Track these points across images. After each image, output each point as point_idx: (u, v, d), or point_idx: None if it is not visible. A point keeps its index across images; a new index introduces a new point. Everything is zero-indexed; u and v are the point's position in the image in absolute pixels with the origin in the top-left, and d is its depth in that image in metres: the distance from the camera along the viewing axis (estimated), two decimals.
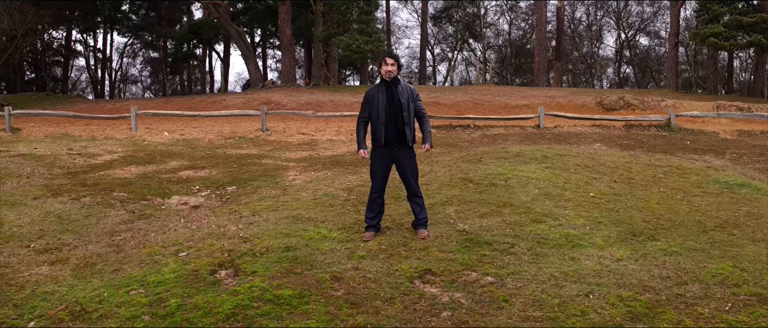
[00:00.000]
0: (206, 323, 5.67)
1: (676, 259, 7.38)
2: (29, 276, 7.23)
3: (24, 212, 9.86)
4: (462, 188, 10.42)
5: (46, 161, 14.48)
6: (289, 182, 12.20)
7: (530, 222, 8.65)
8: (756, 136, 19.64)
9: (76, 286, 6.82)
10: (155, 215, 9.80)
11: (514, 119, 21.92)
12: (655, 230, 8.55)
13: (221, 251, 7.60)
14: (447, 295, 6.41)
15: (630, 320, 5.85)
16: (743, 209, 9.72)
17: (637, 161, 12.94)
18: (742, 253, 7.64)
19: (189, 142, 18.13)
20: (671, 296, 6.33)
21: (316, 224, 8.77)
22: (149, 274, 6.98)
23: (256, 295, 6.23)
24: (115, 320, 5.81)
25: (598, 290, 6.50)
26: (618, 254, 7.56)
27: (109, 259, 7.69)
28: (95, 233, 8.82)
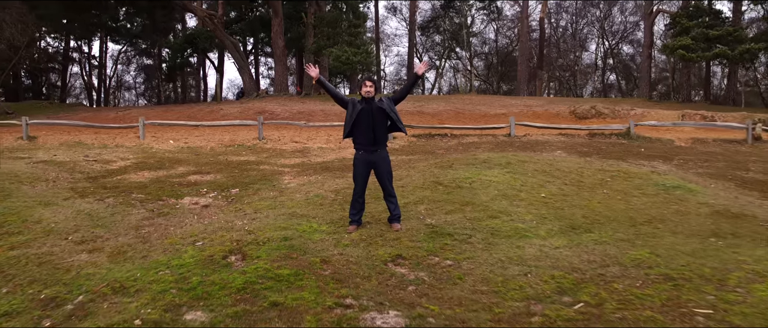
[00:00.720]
0: (222, 294, 7.03)
1: (603, 247, 8.75)
2: (72, 261, 8.54)
3: (57, 210, 11.15)
4: (432, 190, 11.78)
5: (67, 167, 15.73)
6: (284, 185, 13.51)
7: (487, 217, 10.03)
8: (708, 144, 20.94)
9: (113, 268, 8.15)
10: (172, 213, 11.12)
11: (488, 129, 23.22)
12: (591, 224, 9.93)
13: (230, 240, 8.93)
14: (413, 274, 7.79)
15: (557, 293, 7.22)
16: (673, 208, 11.10)
17: (589, 167, 14.29)
18: (661, 243, 9.01)
19: (193, 150, 19.36)
20: (594, 276, 7.71)
21: (308, 220, 10.10)
22: (172, 259, 8.31)
23: (261, 274, 7.58)
24: (149, 293, 7.15)
25: (535, 270, 7.87)
26: (556, 243, 8.94)
27: (138, 248, 9.01)
28: (123, 228, 10.14)
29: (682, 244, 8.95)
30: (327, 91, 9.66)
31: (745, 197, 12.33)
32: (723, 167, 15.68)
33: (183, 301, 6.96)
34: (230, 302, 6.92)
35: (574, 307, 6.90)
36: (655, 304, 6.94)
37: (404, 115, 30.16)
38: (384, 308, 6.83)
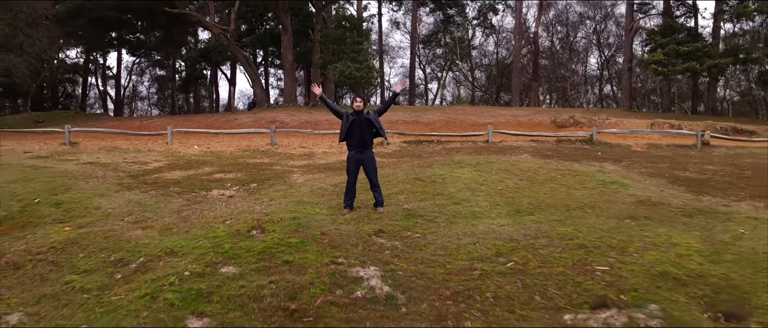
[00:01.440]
0: (247, 255, 9.16)
1: (538, 225, 10.85)
2: (130, 235, 10.65)
3: (111, 200, 13.28)
4: (412, 184, 13.88)
5: (110, 167, 17.83)
6: (293, 181, 15.58)
7: (451, 204, 12.13)
8: (662, 149, 22.79)
9: (163, 240, 10.27)
10: (204, 202, 13.22)
11: (470, 136, 25.18)
12: (534, 209, 12.01)
13: (252, 220, 11.03)
14: (390, 243, 9.92)
15: (496, 256, 9.34)
16: (604, 198, 13.16)
17: (547, 166, 16.33)
18: (585, 223, 11.08)
19: (215, 154, 21.38)
20: (526, 245, 9.81)
21: (312, 205, 12.20)
22: (208, 233, 10.43)
23: (276, 242, 9.70)
24: (193, 255, 9.28)
25: (482, 241, 9.99)
26: (502, 222, 11.03)
27: (181, 226, 11.13)
28: (166, 212, 12.25)
29: (602, 224, 11.03)
30: (327, 107, 11.79)
31: (670, 190, 14.36)
32: (664, 168, 17.66)
33: (218, 260, 9.11)
34: (253, 260, 9.06)
35: (506, 265, 9.03)
36: (567, 263, 9.06)
37: (400, 125, 32.14)
38: (366, 265, 8.98)
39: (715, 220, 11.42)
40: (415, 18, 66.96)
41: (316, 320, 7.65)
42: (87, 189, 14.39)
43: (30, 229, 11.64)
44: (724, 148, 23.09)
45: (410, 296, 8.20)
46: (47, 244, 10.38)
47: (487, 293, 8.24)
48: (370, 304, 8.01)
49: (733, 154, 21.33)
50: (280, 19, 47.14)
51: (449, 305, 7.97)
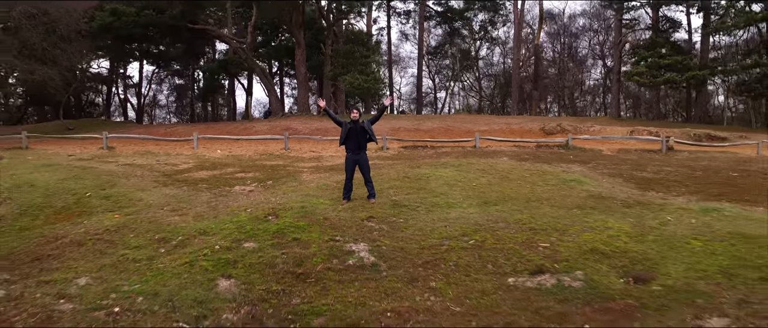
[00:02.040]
0: (264, 234, 11.14)
1: (500, 213, 12.77)
2: (169, 221, 12.64)
3: (151, 194, 15.29)
4: (401, 181, 15.83)
5: (146, 168, 19.83)
6: (303, 179, 17.52)
7: (431, 197, 14.08)
8: (629, 153, 24.49)
9: (197, 224, 12.25)
10: (228, 195, 15.19)
11: (460, 142, 27.04)
12: (499, 201, 13.93)
13: (268, 208, 13.00)
14: (378, 226, 11.87)
15: (461, 235, 11.27)
16: (561, 193, 15.06)
17: (520, 167, 18.21)
18: (539, 211, 12.99)
19: (236, 157, 23.34)
20: (487, 228, 11.74)
21: (317, 198, 14.15)
22: (233, 218, 12.41)
23: (287, 224, 11.67)
24: (221, 235, 11.27)
25: (452, 224, 11.93)
26: (471, 211, 12.96)
27: (210, 213, 13.11)
28: (197, 203, 14.23)
29: (553, 213, 12.93)
30: (329, 116, 13.79)
31: (621, 187, 16.21)
32: (625, 169, 19.45)
33: (241, 238, 11.11)
34: (269, 238, 11.05)
35: (468, 242, 10.98)
36: (517, 241, 10.99)
37: (402, 132, 33.98)
38: (358, 241, 10.95)
39: (649, 210, 13.30)
40: (422, 31, 67.88)
41: (317, 281, 9.64)
42: (129, 185, 16.41)
43: (85, 216, 13.67)
44: (687, 152, 24.82)
45: (390, 264, 10.17)
46: (102, 227, 12.40)
47: (450, 262, 10.20)
48: (359, 270, 9.98)
49: (692, 157, 23.12)
50: (294, 35, 49.11)
51: (420, 271, 9.93)
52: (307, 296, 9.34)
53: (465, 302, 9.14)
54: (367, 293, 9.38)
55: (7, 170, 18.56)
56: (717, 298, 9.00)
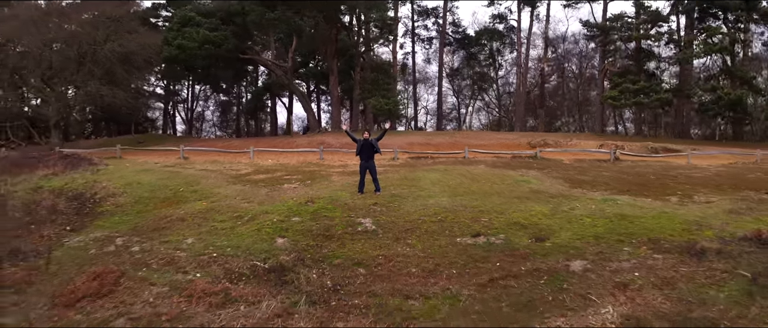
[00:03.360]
0: (305, 214, 15.75)
1: (462, 201, 17.21)
2: (242, 207, 17.21)
3: (225, 189, 19.92)
4: (401, 181, 20.26)
5: (217, 172, 24.43)
6: (332, 180, 21.87)
7: (418, 191, 18.52)
8: (583, 162, 27.80)
9: (260, 207, 16.84)
10: (280, 190, 19.68)
11: (453, 153, 31.10)
12: (464, 194, 18.32)
13: (307, 198, 17.52)
14: (379, 208, 16.36)
15: (433, 215, 15.74)
16: (511, 189, 19.38)
17: (489, 172, 22.53)
18: (489, 201, 17.35)
19: (283, 165, 27.74)
20: (451, 210, 16.20)
21: (341, 191, 18.62)
22: (285, 204, 16.96)
23: (320, 208, 16.26)
24: (277, 213, 15.88)
25: (428, 208, 16.38)
26: (443, 200, 17.38)
27: (268, 201, 17.66)
28: (259, 195, 18.79)
29: (499, 201, 17.35)
30: (348, 135, 18.40)
31: (558, 185, 20.37)
32: (570, 174, 23.40)
33: (290, 215, 15.72)
34: (308, 215, 15.66)
35: (436, 218, 15.46)
36: (468, 217, 15.46)
37: (414, 146, 37.88)
38: (365, 217, 15.51)
39: (567, 200, 17.64)
40: (442, 55, 69.93)
41: (338, 239, 14.21)
42: (208, 183, 21.11)
43: (182, 204, 18.34)
44: (630, 162, 28.63)
45: (384, 230, 14.72)
46: (195, 210, 17.07)
47: (422, 229, 14.74)
48: (365, 233, 14.55)
49: (630, 166, 27.05)
50: (329, 64, 53.82)
51: (402, 234, 14.47)
52: (331, 248, 13.93)
53: (428, 251, 13.67)
54: (368, 246, 13.96)
55: (114, 174, 23.40)
56: (584, 251, 13.41)
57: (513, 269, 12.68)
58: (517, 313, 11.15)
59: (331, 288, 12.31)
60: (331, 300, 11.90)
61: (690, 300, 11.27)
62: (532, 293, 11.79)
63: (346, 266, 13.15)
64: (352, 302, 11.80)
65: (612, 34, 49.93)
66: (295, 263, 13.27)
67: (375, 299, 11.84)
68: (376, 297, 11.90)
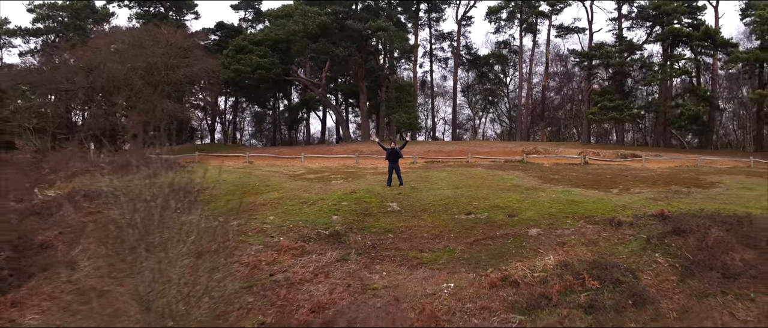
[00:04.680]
0: (350, 200, 20.43)
1: (461, 192, 21.74)
2: (303, 195, 21.83)
3: (289, 184, 24.61)
4: (418, 178, 24.77)
5: (279, 172, 29.16)
6: (367, 178, 26.42)
7: (430, 185, 23.05)
8: (560, 166, 31.94)
9: (318, 196, 21.45)
10: (329, 184, 24.27)
11: (460, 158, 35.60)
12: (463, 187, 22.85)
13: (351, 190, 22.12)
14: (403, 196, 20.95)
15: (439, 200, 20.35)
16: (497, 184, 23.86)
17: (484, 172, 26.99)
18: (480, 191, 21.84)
19: (327, 167, 32.36)
20: (452, 198, 20.73)
21: (375, 185, 23.17)
22: (335, 193, 21.59)
23: (360, 196, 20.91)
24: (330, 199, 20.55)
25: (437, 196, 20.94)
26: (448, 191, 21.90)
27: (323, 192, 22.26)
28: (315, 188, 23.40)
29: (487, 192, 21.85)
30: (379, 145, 23.09)
31: (533, 181, 24.72)
32: (546, 174, 27.63)
33: (340, 200, 20.41)
34: (353, 200, 20.33)
35: (442, 203, 20.09)
36: (464, 202, 20.04)
37: (430, 153, 42.27)
38: (392, 202, 20.18)
39: (536, 191, 22.08)
40: (456, 74, 72.44)
41: (374, 216, 18.88)
42: (276, 180, 25.85)
43: (260, 194, 23.06)
44: (597, 165, 32.84)
45: (406, 210, 19.37)
46: (271, 198, 21.79)
47: (431, 209, 19.36)
48: (392, 212, 19.20)
49: (595, 168, 31.25)
50: (359, 84, 58.44)
51: (418, 213, 19.11)
52: (369, 222, 18.58)
53: (435, 223, 18.27)
54: (395, 220, 18.61)
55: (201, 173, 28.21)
56: (540, 222, 17.92)
57: (491, 234, 17.30)
58: (491, 259, 15.74)
59: (371, 246, 16.98)
60: (371, 253, 16.57)
61: (604, 252, 15.79)
62: (502, 248, 16.37)
63: (380, 232, 17.83)
64: (385, 253, 16.48)
65: (594, 60, 53.98)
66: (346, 230, 17.94)
67: (399, 252, 16.50)
68: (400, 251, 16.56)
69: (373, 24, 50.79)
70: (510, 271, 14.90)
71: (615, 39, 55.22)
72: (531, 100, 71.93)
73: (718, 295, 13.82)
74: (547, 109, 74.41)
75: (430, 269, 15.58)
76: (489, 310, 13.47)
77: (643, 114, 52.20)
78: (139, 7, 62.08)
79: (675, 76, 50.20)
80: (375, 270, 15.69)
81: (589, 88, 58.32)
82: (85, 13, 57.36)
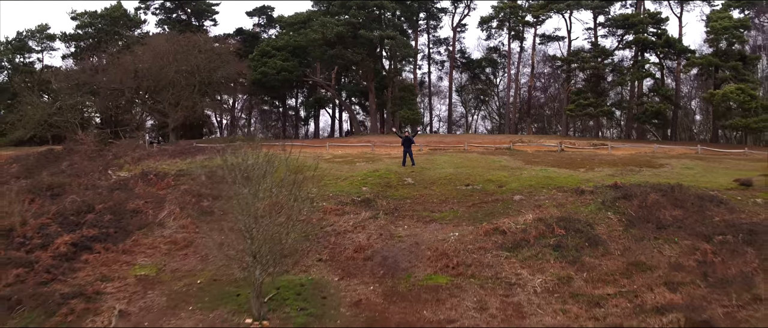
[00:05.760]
0: (374, 176, 24.04)
1: (460, 170, 25.26)
2: (336, 173, 25.48)
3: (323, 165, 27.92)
4: (425, 161, 28.17)
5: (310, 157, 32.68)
6: (384, 160, 29.92)
7: (435, 165, 26.48)
8: (541, 152, 35.68)
9: (348, 174, 25.00)
10: (355, 166, 27.61)
11: (458, 147, 39.07)
12: (462, 167, 26.33)
13: (373, 169, 25.61)
14: (415, 173, 24.61)
15: (444, 176, 23.92)
16: (489, 165, 27.33)
17: (478, 157, 30.38)
18: (475, 170, 25.36)
19: (349, 154, 35.45)
20: (454, 174, 24.31)
21: (393, 165, 26.59)
22: (361, 172, 25.14)
23: (382, 173, 24.50)
24: (359, 175, 24.17)
25: (441, 173, 24.54)
26: (450, 170, 25.42)
27: (351, 170, 25.76)
28: (344, 167, 26.81)
29: (481, 170, 25.38)
30: (396, 134, 26.65)
31: (519, 163, 28.04)
32: (528, 158, 30.85)
33: (366, 176, 24.02)
34: (376, 176, 23.93)
35: (446, 177, 23.74)
36: (463, 177, 23.63)
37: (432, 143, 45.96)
38: (408, 177, 23.80)
39: (520, 170, 25.65)
40: (451, 75, 74.32)
41: (393, 188, 22.48)
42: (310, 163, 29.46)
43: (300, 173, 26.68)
44: (571, 152, 36.34)
45: (418, 183, 22.96)
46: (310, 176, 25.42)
47: (438, 182, 22.96)
48: (408, 185, 22.79)
49: (570, 154, 34.55)
50: (368, 84, 61.82)
51: (428, 184, 22.71)
52: (391, 192, 22.17)
53: (442, 192, 21.87)
54: (410, 191, 22.21)
55: None
56: (522, 191, 21.53)
57: (485, 199, 20.92)
58: (486, 216, 19.34)
59: (394, 208, 20.59)
60: (394, 213, 20.18)
61: (570, 211, 19.36)
62: (493, 209, 19.99)
63: (400, 199, 21.44)
64: (405, 213, 20.10)
65: (572, 64, 57.39)
66: (374, 197, 21.53)
67: (416, 212, 20.13)
68: (416, 211, 20.18)
69: (382, 33, 54.25)
70: (499, 224, 18.51)
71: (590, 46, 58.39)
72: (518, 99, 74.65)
73: (651, 239, 17.45)
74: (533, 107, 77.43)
75: (440, 224, 19.22)
76: (484, 249, 17.11)
77: (613, 111, 55.56)
78: (164, 15, 64.88)
79: (642, 78, 53.49)
80: (399, 224, 19.34)
81: (568, 88, 61.59)
82: (122, 20, 60.26)
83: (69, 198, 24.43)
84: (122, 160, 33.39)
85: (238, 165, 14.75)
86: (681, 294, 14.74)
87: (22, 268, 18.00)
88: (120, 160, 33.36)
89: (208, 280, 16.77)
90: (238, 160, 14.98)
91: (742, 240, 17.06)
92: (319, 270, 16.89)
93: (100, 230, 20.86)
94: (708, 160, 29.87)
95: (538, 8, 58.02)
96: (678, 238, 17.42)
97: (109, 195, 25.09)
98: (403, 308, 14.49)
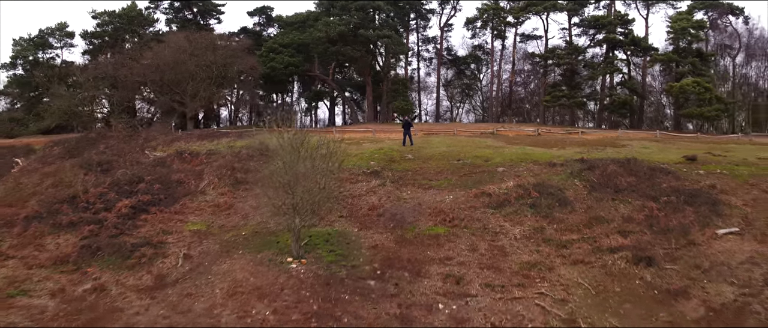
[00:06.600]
0: (380, 154, 26.63)
1: (452, 149, 27.75)
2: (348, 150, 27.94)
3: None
4: (422, 142, 30.65)
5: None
6: (386, 142, 32.39)
7: (430, 145, 28.96)
8: (521, 136, 38.82)
9: (357, 151, 27.47)
10: (362, 146, 30.01)
11: (449, 132, 41.79)
12: (453, 146, 28.89)
13: (378, 148, 28.11)
14: (414, 150, 27.29)
15: (439, 154, 26.57)
16: (476, 145, 29.87)
17: (467, 139, 33.00)
18: (464, 149, 27.88)
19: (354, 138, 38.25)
20: (446, 152, 26.95)
21: (394, 145, 29.06)
22: (368, 150, 27.63)
23: (386, 151, 27.06)
24: (367, 152, 26.65)
25: (436, 151, 27.21)
26: (442, 148, 27.97)
27: (359, 149, 28.39)
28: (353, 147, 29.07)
29: (469, 149, 27.94)
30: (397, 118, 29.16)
31: (501, 144, 30.84)
32: (510, 139, 33.73)
33: (374, 153, 26.63)
34: (381, 155, 26.48)
35: (441, 154, 26.37)
36: (455, 153, 26.23)
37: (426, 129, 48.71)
38: (409, 154, 26.39)
39: (504, 148, 28.25)
40: (439, 71, 76.83)
41: (397, 162, 25.05)
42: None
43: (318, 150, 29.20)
44: (547, 136, 39.12)
45: (417, 158, 25.53)
46: None
47: (434, 158, 25.55)
48: (409, 160, 25.36)
49: (545, 137, 37.23)
50: (365, 79, 64.19)
51: (426, 160, 25.28)
52: (394, 165, 24.73)
53: (437, 166, 24.47)
54: (411, 164, 24.78)
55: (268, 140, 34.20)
56: (504, 164, 24.18)
57: (474, 171, 23.54)
58: (475, 184, 21.96)
59: (398, 178, 23.17)
60: (399, 181, 22.75)
61: (544, 179, 21.99)
62: (481, 178, 22.61)
63: (403, 171, 24.01)
64: (408, 182, 22.67)
65: (549, 61, 60.15)
66: (381, 169, 24.10)
67: (417, 181, 22.71)
68: (417, 180, 22.76)
69: (379, 32, 56.72)
70: (486, 189, 21.15)
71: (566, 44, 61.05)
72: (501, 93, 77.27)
73: (609, 200, 20.10)
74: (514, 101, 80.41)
75: (437, 189, 21.83)
76: (474, 207, 19.76)
77: (584, 101, 58.43)
78: (173, 14, 66.40)
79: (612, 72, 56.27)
80: (403, 190, 21.94)
81: (545, 82, 64.34)
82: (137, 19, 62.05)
83: (120, 171, 26.78)
84: (154, 143, 35.39)
85: (285, 138, 17.17)
86: (630, 239, 17.43)
87: (93, 225, 20.43)
88: (152, 143, 35.33)
89: (250, 232, 19.30)
90: (284, 135, 17.38)
91: (683, 201, 19.63)
92: (342, 224, 19.47)
93: (152, 196, 23.22)
94: (664, 142, 32.62)
95: (518, 10, 60.62)
96: (631, 199, 20.09)
97: (152, 169, 27.41)
98: (411, 250, 17.13)
